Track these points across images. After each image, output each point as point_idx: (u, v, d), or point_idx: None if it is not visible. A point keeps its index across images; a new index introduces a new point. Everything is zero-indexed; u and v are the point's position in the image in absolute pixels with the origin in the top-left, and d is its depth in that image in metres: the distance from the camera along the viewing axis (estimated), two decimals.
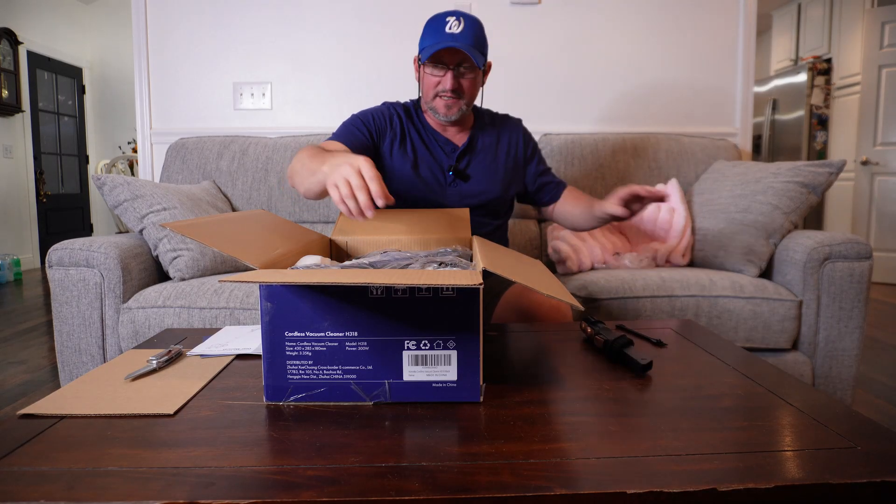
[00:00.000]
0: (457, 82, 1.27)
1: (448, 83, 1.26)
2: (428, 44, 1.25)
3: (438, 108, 1.30)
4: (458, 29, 1.23)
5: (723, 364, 0.81)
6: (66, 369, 1.50)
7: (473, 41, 1.24)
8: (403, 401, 0.67)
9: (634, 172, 2.00)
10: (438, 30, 1.24)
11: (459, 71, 1.26)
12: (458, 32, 1.22)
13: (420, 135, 1.37)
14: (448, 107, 1.29)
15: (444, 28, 1.23)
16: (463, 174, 1.36)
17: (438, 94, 1.29)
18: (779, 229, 1.59)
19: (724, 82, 2.26)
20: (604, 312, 1.47)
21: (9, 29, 4.75)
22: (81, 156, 5.90)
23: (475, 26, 1.26)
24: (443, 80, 1.27)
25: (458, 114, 1.31)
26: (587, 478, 0.50)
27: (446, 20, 1.24)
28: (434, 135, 1.38)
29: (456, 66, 1.26)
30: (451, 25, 1.23)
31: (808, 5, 4.72)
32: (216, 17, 2.22)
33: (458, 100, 1.29)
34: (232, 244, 0.78)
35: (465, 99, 1.30)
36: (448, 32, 1.22)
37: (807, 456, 0.54)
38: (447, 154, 1.37)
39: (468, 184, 1.36)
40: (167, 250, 1.57)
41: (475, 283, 0.61)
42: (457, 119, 1.33)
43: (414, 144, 1.36)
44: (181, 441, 0.58)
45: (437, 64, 1.26)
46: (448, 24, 1.23)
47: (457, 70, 1.26)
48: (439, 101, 1.29)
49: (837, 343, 1.49)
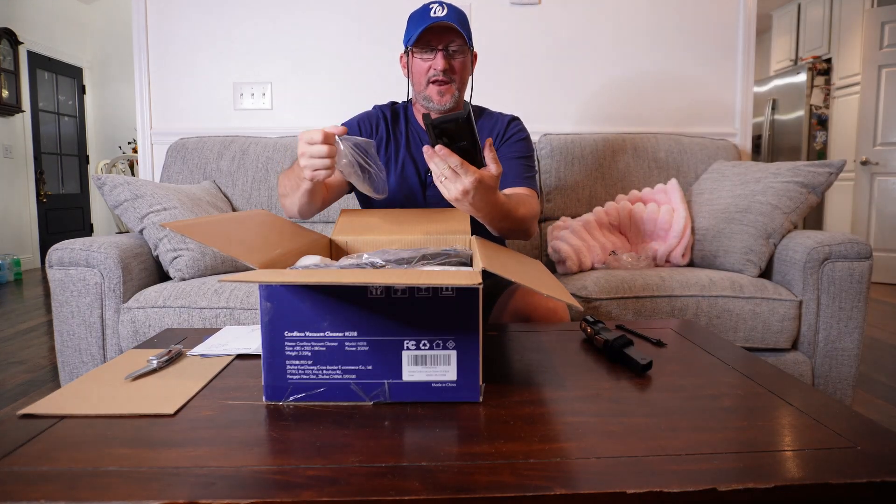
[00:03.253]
0: (447, 63, 1.26)
1: (439, 63, 1.25)
2: (412, 31, 1.26)
3: (432, 96, 1.29)
4: (443, 13, 1.24)
5: (723, 364, 0.81)
6: (66, 369, 1.50)
7: (458, 23, 1.25)
8: (403, 401, 0.67)
9: (634, 172, 2.00)
10: (423, 16, 1.25)
11: (449, 52, 1.26)
12: (442, 15, 1.23)
13: (406, 136, 1.37)
14: (441, 93, 1.28)
15: (427, 14, 1.24)
16: None
17: (430, 79, 1.27)
18: (778, 229, 1.59)
19: (724, 82, 2.26)
20: (604, 312, 1.46)
21: (9, 29, 4.75)
22: (81, 156, 5.90)
23: (458, 10, 1.27)
24: (433, 63, 1.26)
25: (451, 100, 1.30)
26: (587, 478, 0.50)
27: (429, 7, 1.26)
28: (420, 134, 1.37)
29: (445, 48, 1.26)
30: (435, 10, 1.24)
31: (808, 5, 4.72)
32: (216, 17, 2.22)
33: (450, 84, 1.28)
34: (232, 244, 0.78)
35: (457, 83, 1.29)
36: (433, 17, 1.23)
37: (807, 456, 0.54)
38: None
39: None
40: (167, 250, 1.57)
41: (475, 283, 0.61)
42: (451, 107, 1.31)
43: (398, 147, 1.36)
44: (181, 441, 0.58)
45: (425, 48, 1.26)
46: (432, 10, 1.24)
47: (446, 51, 1.26)
48: (432, 87, 1.28)
49: (837, 343, 1.49)
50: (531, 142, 1.42)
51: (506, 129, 1.39)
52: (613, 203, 1.86)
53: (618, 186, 1.98)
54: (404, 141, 1.37)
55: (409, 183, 1.35)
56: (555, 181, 2.00)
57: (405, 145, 1.36)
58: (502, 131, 1.39)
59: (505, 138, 1.38)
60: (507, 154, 1.36)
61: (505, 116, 1.43)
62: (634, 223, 1.81)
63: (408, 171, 1.35)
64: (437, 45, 1.26)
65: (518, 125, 1.41)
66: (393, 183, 1.34)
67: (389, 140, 1.36)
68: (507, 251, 1.00)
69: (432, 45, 1.26)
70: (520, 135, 1.40)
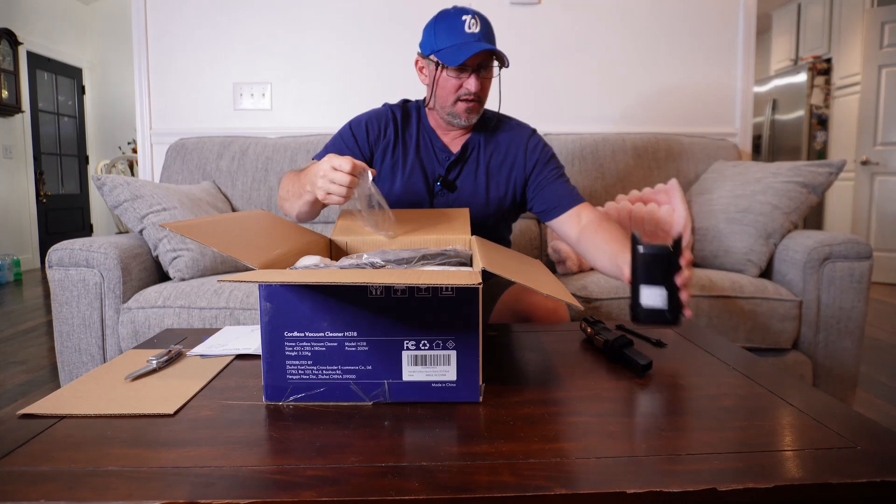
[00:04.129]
0: (480, 84, 1.19)
1: (473, 86, 1.18)
2: (447, 45, 1.17)
3: (460, 113, 1.22)
4: (477, 28, 1.16)
5: (723, 364, 0.81)
6: (66, 369, 1.50)
7: (492, 39, 1.20)
8: (403, 401, 0.67)
9: (634, 172, 2.00)
10: (457, 29, 1.16)
11: (483, 73, 1.20)
12: (478, 32, 1.16)
13: (417, 140, 1.30)
14: (469, 111, 1.22)
15: (462, 28, 1.16)
16: (451, 184, 1.29)
17: (461, 98, 1.20)
18: (779, 229, 1.59)
19: (724, 82, 2.26)
20: (604, 312, 1.47)
21: (9, 29, 4.75)
22: (81, 156, 5.90)
23: (487, 23, 1.20)
24: (466, 83, 1.19)
25: (476, 117, 1.25)
26: (587, 478, 0.50)
27: (462, 19, 1.17)
28: (432, 139, 1.30)
29: (478, 69, 1.19)
30: (469, 24, 1.16)
31: (808, 5, 4.72)
32: (216, 17, 2.22)
33: (478, 104, 1.23)
34: (232, 244, 0.78)
35: (483, 102, 1.25)
36: (469, 32, 1.16)
37: (807, 456, 0.54)
38: (440, 162, 1.29)
39: (455, 194, 1.29)
40: (167, 250, 1.57)
41: (474, 283, 0.61)
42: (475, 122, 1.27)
43: (406, 151, 1.29)
44: (181, 441, 0.58)
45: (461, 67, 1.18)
46: (465, 24, 1.16)
47: (480, 73, 1.19)
48: (461, 105, 1.21)
49: (837, 343, 1.49)
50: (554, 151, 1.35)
51: (526, 151, 1.31)
52: (613, 203, 1.86)
53: (618, 186, 1.98)
54: (414, 145, 1.30)
55: (416, 189, 1.28)
56: None
57: (415, 150, 1.29)
58: (523, 153, 1.30)
59: (534, 162, 1.30)
60: (549, 177, 1.29)
61: (522, 132, 1.34)
62: (634, 223, 1.81)
63: (415, 178, 1.28)
64: (472, 65, 1.18)
65: (539, 142, 1.33)
66: (399, 188, 1.28)
67: (398, 143, 1.29)
68: (508, 251, 1.00)
69: (467, 63, 1.17)
70: (546, 151, 1.32)
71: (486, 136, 1.32)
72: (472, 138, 1.31)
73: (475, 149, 1.31)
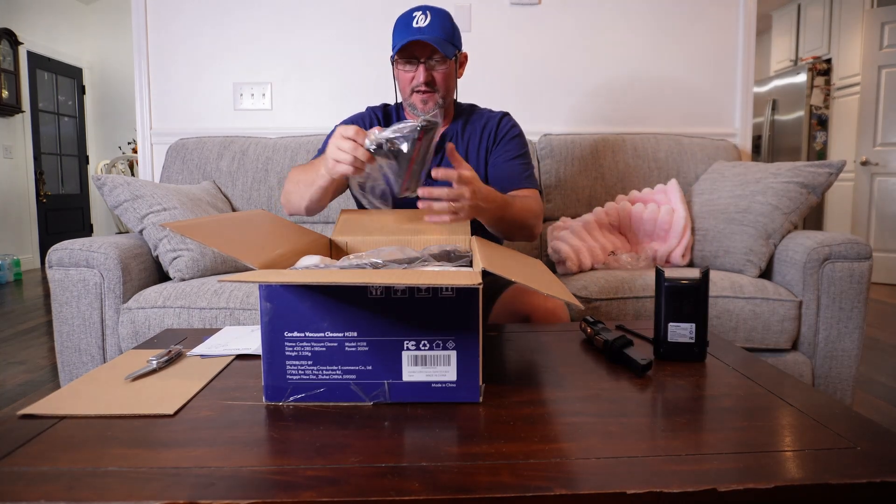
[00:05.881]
0: (429, 75, 1.28)
1: (421, 76, 1.27)
2: (396, 41, 1.27)
3: (416, 104, 1.31)
4: (425, 22, 1.25)
5: (723, 364, 0.81)
6: (66, 369, 1.50)
7: (441, 33, 1.25)
8: (403, 401, 0.67)
9: (634, 172, 2.00)
10: (406, 26, 1.26)
11: (430, 64, 1.27)
12: (424, 26, 1.24)
13: None
14: (424, 101, 1.29)
15: (411, 24, 1.25)
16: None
17: (414, 89, 1.29)
18: (778, 229, 1.59)
19: (724, 82, 2.26)
20: (604, 312, 1.46)
21: (9, 29, 4.75)
22: (81, 156, 5.90)
23: (442, 17, 1.27)
24: (416, 75, 1.28)
25: (435, 108, 1.31)
26: (587, 478, 0.50)
27: (413, 15, 1.26)
28: None
29: (427, 59, 1.27)
30: (418, 20, 1.25)
31: (808, 5, 4.73)
32: (216, 17, 2.22)
33: (433, 93, 1.29)
34: (232, 244, 0.78)
35: (441, 92, 1.30)
36: (415, 27, 1.24)
37: (807, 456, 0.54)
38: None
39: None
40: (167, 250, 1.57)
41: (474, 283, 0.61)
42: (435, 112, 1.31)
43: None
44: (181, 441, 0.58)
45: (408, 59, 1.27)
46: (415, 20, 1.25)
47: (428, 63, 1.27)
48: (416, 96, 1.30)
49: (837, 343, 1.49)
50: (525, 137, 1.41)
51: (497, 128, 1.38)
52: (613, 203, 1.86)
53: (618, 187, 1.98)
54: None
55: None
56: (555, 181, 2.00)
57: None
58: (493, 130, 1.38)
59: (498, 138, 1.37)
60: (503, 156, 1.35)
61: (495, 113, 1.42)
62: (634, 223, 1.81)
63: None
64: (420, 56, 1.27)
65: (509, 121, 1.40)
66: None
67: None
68: (508, 251, 1.00)
69: (415, 55, 1.27)
70: (512, 132, 1.38)
71: (463, 123, 1.39)
72: (450, 128, 1.39)
73: (454, 138, 1.38)
